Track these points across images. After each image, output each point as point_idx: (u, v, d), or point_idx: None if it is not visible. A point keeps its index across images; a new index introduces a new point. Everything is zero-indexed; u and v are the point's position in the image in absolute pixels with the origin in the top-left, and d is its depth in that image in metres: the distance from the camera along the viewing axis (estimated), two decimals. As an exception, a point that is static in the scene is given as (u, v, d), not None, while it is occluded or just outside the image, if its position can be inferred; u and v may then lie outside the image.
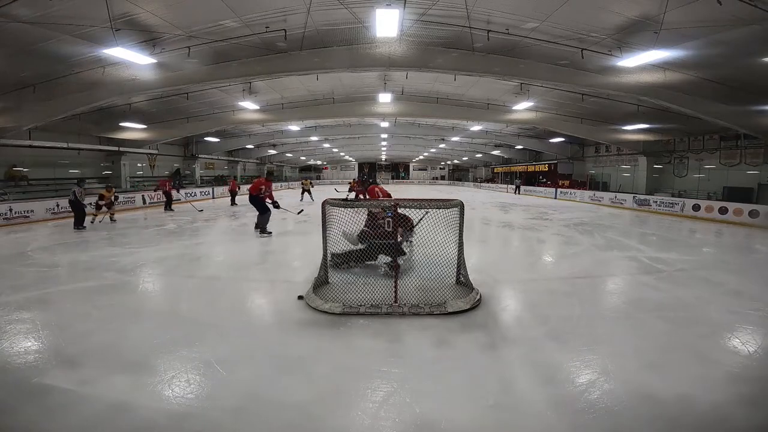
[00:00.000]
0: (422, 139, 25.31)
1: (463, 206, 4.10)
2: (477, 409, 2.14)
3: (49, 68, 8.17)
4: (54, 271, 5.00)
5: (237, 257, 6.14)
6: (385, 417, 2.07)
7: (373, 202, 4.18)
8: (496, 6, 6.47)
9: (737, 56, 7.19)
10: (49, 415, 2.03)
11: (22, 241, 7.36)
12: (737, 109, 9.92)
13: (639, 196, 14.86)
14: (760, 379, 2.46)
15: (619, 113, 13.00)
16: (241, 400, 2.18)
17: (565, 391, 2.30)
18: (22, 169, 12.92)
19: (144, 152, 17.72)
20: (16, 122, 10.53)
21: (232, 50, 8.01)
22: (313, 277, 4.20)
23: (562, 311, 3.32)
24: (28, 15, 5.92)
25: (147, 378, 2.40)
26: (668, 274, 5.03)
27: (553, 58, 8.45)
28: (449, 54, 8.35)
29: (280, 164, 35.67)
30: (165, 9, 6.31)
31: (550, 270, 5.60)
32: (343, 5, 6.39)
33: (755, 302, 3.91)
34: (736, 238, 8.59)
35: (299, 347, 2.87)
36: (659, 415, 2.07)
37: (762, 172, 12.86)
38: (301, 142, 25.39)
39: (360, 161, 45.11)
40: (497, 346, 2.89)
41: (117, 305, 3.74)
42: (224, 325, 3.27)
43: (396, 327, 3.19)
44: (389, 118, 16.72)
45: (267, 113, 14.32)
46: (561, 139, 19.43)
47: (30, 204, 10.21)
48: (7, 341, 2.90)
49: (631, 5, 6.04)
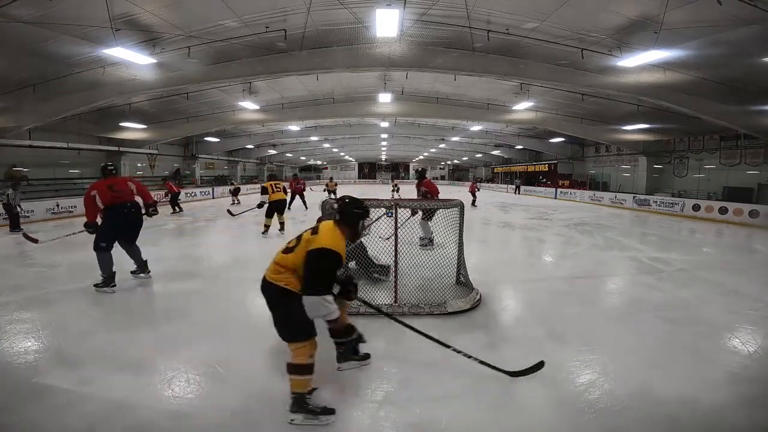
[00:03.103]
0: (422, 139, 25.32)
1: (463, 206, 4.11)
2: (477, 409, 2.14)
3: (49, 68, 8.17)
4: (54, 271, 5.00)
5: (237, 257, 6.14)
6: (385, 417, 2.07)
7: (373, 202, 4.16)
8: (496, 6, 6.47)
9: (737, 56, 7.20)
10: (49, 415, 2.03)
11: (22, 241, 7.35)
12: (737, 109, 9.93)
13: (639, 196, 14.87)
14: (760, 379, 2.46)
15: (619, 113, 13.01)
16: (241, 400, 2.18)
17: (565, 391, 2.30)
18: (22, 169, 12.92)
19: (144, 152, 17.74)
20: (16, 122, 10.54)
21: (232, 50, 8.02)
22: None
23: (562, 311, 3.31)
24: (28, 15, 5.93)
25: (147, 378, 2.40)
26: (668, 274, 5.03)
27: (553, 58, 8.46)
28: (449, 54, 8.35)
29: (280, 164, 35.67)
30: (165, 9, 6.31)
31: (550, 270, 5.59)
32: (343, 5, 6.39)
33: (755, 302, 3.90)
34: (736, 238, 8.59)
35: (299, 347, 2.86)
36: (659, 415, 2.07)
37: (762, 172, 12.87)
38: (301, 142, 25.40)
39: (360, 161, 45.12)
40: (497, 346, 2.89)
41: (117, 305, 3.74)
42: (224, 324, 3.27)
43: (396, 327, 3.18)
44: (389, 118, 16.72)
45: (267, 113, 14.33)
46: (561, 139, 19.44)
47: (30, 204, 10.20)
48: (7, 341, 2.90)
49: (631, 5, 6.05)
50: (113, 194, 4.09)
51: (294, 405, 1.98)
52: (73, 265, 5.20)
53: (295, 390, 1.99)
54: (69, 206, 10.82)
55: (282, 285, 1.98)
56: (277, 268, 2.02)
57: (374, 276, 4.25)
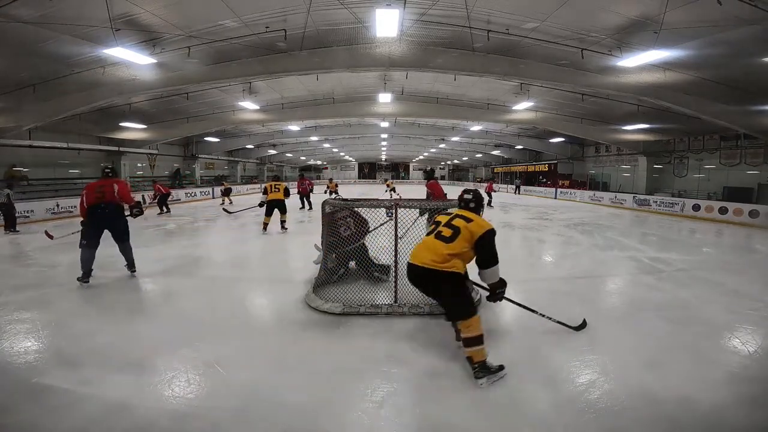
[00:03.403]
0: (422, 139, 25.32)
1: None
2: (477, 409, 2.14)
3: (49, 68, 8.17)
4: (54, 271, 5.00)
5: (237, 257, 6.14)
6: (385, 417, 2.07)
7: (373, 202, 4.15)
8: (496, 6, 6.46)
9: (737, 56, 7.20)
10: (49, 415, 2.03)
11: (22, 241, 7.36)
12: (737, 109, 9.92)
13: (639, 196, 14.87)
14: (760, 379, 2.46)
15: (619, 113, 13.00)
16: (241, 400, 2.18)
17: (565, 391, 2.30)
18: (22, 169, 12.92)
19: (144, 152, 17.73)
20: (16, 122, 10.53)
21: (232, 50, 8.02)
22: (313, 278, 4.20)
23: (562, 311, 3.31)
24: (28, 15, 5.92)
25: (147, 378, 2.40)
26: (668, 274, 5.03)
27: (553, 58, 8.45)
28: (449, 54, 8.35)
29: (280, 164, 35.67)
30: (165, 9, 6.31)
31: (550, 270, 5.59)
32: (343, 5, 6.38)
33: (755, 302, 3.90)
34: (736, 238, 8.59)
35: (299, 347, 2.87)
36: (659, 415, 2.07)
37: (762, 172, 12.86)
38: (301, 142, 25.39)
39: (360, 161, 45.14)
40: (497, 346, 2.89)
41: (117, 305, 3.74)
42: (224, 324, 3.27)
43: (396, 327, 3.19)
44: (389, 118, 16.72)
45: (267, 113, 14.32)
46: (561, 139, 19.44)
47: (30, 204, 10.21)
48: (7, 341, 2.90)
49: (631, 5, 6.04)
50: (96, 195, 4.36)
51: (480, 371, 2.31)
52: (73, 265, 5.18)
53: (478, 359, 2.32)
54: (69, 206, 10.82)
55: (453, 270, 2.34)
56: (446, 257, 2.34)
57: (375, 275, 4.25)
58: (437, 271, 2.34)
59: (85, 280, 4.24)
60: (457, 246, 2.37)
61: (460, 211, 2.58)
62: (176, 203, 16.17)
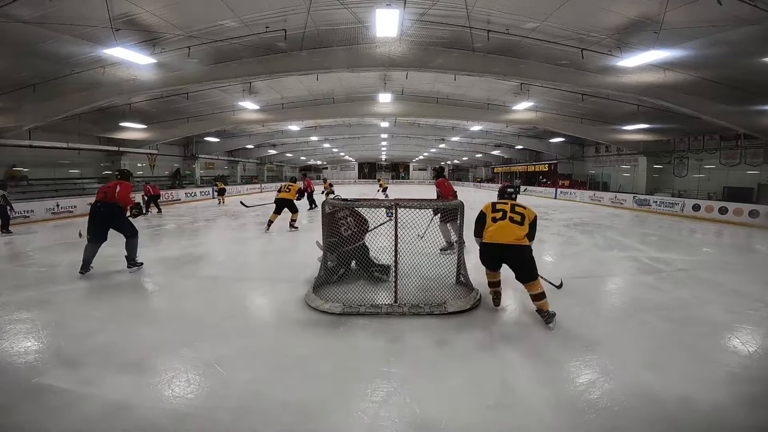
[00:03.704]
0: (422, 139, 25.31)
1: (463, 206, 4.11)
2: (477, 409, 2.14)
3: (49, 68, 8.17)
4: (54, 271, 5.00)
5: (237, 257, 6.14)
6: (385, 417, 2.07)
7: (373, 202, 4.15)
8: (496, 6, 6.47)
9: (737, 56, 7.19)
10: (49, 415, 2.03)
11: (22, 241, 7.36)
12: (737, 109, 9.92)
13: (639, 196, 14.86)
14: (760, 379, 2.46)
15: (619, 113, 13.00)
16: (241, 400, 2.18)
17: (565, 391, 2.30)
18: (22, 169, 12.92)
19: (144, 152, 17.74)
20: (16, 122, 10.54)
21: (232, 50, 8.02)
22: (313, 277, 4.20)
23: (562, 311, 3.31)
24: (28, 15, 5.92)
25: (147, 378, 2.40)
26: (668, 274, 5.03)
27: (553, 58, 8.45)
28: (449, 54, 8.35)
29: (280, 164, 35.67)
30: (165, 9, 6.31)
31: (550, 270, 5.56)
32: (343, 5, 6.39)
33: (755, 302, 3.90)
34: (736, 238, 8.59)
35: (299, 347, 2.87)
36: (659, 415, 2.07)
37: (762, 172, 12.86)
38: (301, 142, 25.39)
39: (360, 161, 45.15)
40: (497, 346, 2.89)
41: (117, 305, 3.73)
42: (224, 324, 3.27)
43: (396, 327, 3.19)
44: (389, 118, 16.72)
45: (267, 113, 14.32)
46: (561, 139, 19.43)
47: (30, 204, 10.21)
48: (7, 341, 2.90)
49: (631, 5, 6.04)
50: (101, 194, 4.71)
51: (548, 317, 3.17)
52: (73, 265, 5.19)
53: (546, 308, 3.19)
54: (69, 206, 10.83)
55: (528, 245, 3.24)
56: (521, 235, 3.20)
57: (375, 275, 4.26)
58: (521, 246, 3.18)
59: (81, 271, 4.54)
60: (526, 227, 3.25)
61: (512, 201, 3.44)
62: (176, 203, 16.20)
